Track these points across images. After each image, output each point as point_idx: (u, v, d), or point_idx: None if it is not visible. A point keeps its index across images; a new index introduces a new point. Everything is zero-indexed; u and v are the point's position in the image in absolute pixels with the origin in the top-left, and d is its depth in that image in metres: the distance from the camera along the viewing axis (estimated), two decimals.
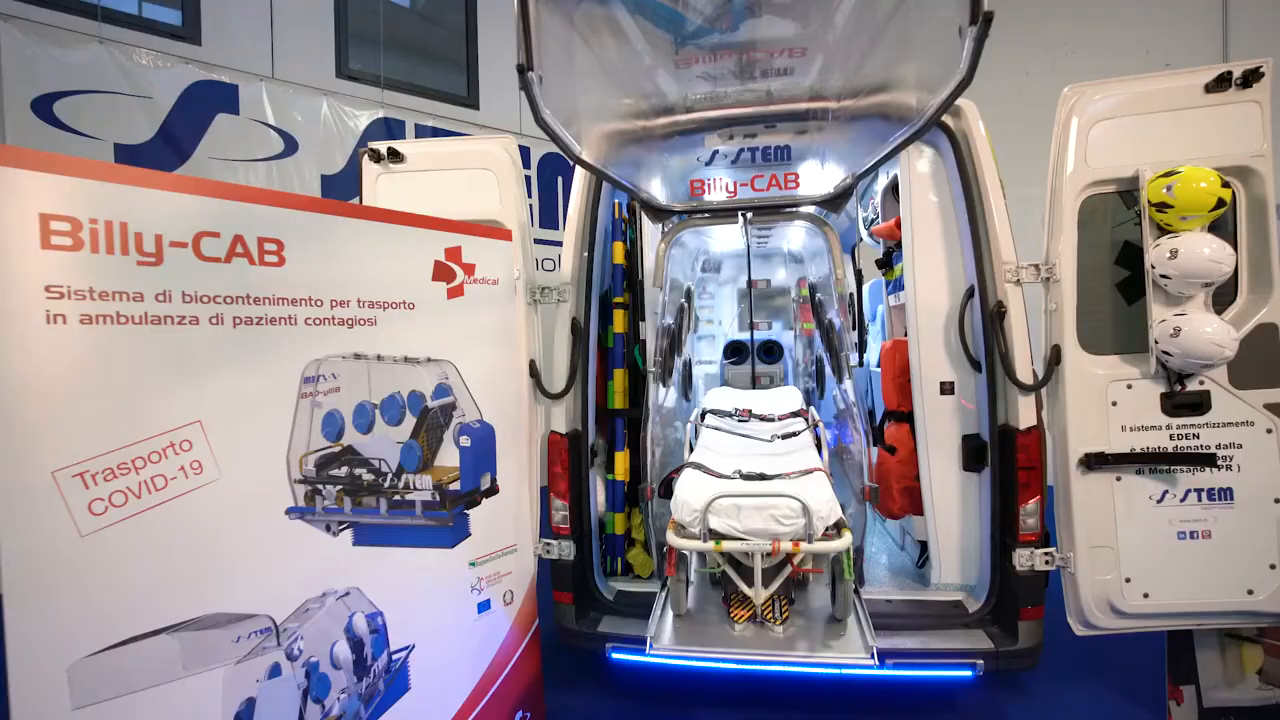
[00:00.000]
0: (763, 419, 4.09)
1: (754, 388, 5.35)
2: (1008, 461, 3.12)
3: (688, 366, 5.04)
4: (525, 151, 8.52)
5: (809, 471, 2.78)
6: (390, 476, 2.75)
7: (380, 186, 3.58)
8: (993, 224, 3.13)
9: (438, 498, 2.89)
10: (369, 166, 3.61)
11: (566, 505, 3.44)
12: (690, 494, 2.55)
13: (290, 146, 6.86)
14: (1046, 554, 3.02)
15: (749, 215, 3.02)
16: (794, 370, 5.99)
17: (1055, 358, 2.98)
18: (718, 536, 2.47)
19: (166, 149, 6.07)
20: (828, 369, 4.91)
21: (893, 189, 4.09)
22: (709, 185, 2.79)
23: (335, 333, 2.55)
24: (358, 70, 7.37)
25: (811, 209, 3.29)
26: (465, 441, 3.04)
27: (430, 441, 2.90)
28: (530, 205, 8.60)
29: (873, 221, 4.41)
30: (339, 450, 2.58)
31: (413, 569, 2.80)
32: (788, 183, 2.75)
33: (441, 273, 3.01)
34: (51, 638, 1.82)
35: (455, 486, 2.97)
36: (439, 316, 2.98)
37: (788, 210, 3.08)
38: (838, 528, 2.50)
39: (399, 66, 7.67)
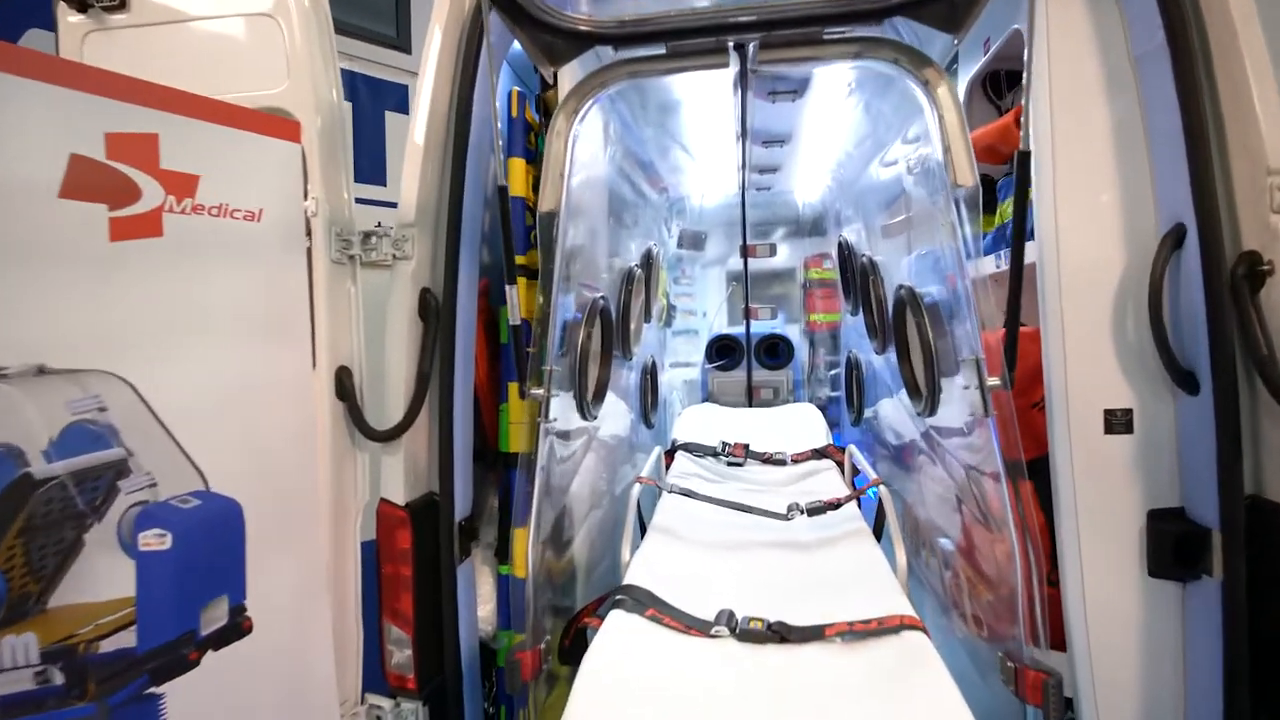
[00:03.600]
0: (767, 461, 2.53)
1: (750, 404, 3.76)
2: (1265, 569, 1.57)
3: (650, 374, 3.42)
4: None
5: (891, 626, 1.21)
6: None
7: (88, 52, 2.05)
8: (1237, 102, 1.58)
9: (62, 678, 1.29)
10: (68, 19, 2.06)
11: (410, 636, 1.85)
12: None
13: None
14: None
15: (751, 50, 1.38)
16: (804, 378, 4.41)
17: None
18: None
19: None
20: (870, 372, 3.33)
21: (986, 81, 2.50)
22: None
23: None
24: None
25: (888, 35, 1.63)
26: (155, 541, 1.44)
27: (34, 554, 1.29)
28: None
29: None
30: None
31: None
32: None
33: (90, 182, 1.40)
34: None
35: (122, 642, 1.37)
36: (87, 277, 1.39)
37: (836, 37, 1.40)
38: None
39: None
